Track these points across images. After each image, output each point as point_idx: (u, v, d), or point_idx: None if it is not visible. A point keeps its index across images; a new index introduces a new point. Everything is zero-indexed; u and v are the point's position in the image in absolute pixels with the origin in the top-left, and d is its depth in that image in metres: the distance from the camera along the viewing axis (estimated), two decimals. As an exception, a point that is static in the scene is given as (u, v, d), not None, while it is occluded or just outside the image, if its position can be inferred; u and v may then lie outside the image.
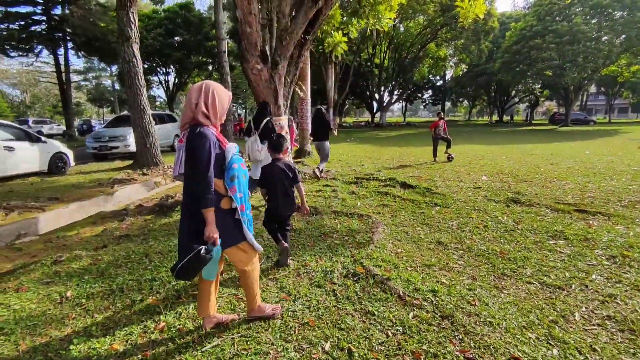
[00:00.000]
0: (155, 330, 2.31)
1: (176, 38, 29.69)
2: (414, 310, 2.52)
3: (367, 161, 10.61)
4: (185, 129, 2.07)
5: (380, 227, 4.32)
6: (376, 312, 2.48)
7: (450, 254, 3.58)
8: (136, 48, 9.83)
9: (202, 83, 2.08)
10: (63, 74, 20.40)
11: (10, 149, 7.94)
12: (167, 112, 16.63)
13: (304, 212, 3.43)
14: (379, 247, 3.68)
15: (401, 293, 2.72)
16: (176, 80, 35.81)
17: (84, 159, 12.85)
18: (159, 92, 53.21)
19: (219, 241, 2.03)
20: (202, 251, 1.96)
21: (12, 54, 18.42)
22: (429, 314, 2.48)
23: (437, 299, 2.66)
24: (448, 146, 10.08)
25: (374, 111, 44.62)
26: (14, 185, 7.72)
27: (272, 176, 3.19)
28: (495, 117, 48.29)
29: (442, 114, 10.38)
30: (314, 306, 2.58)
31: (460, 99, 55.71)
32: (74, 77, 49.33)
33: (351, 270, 3.13)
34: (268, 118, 5.53)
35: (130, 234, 4.48)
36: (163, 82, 35.53)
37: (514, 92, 43.69)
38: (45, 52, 21.65)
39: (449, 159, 9.95)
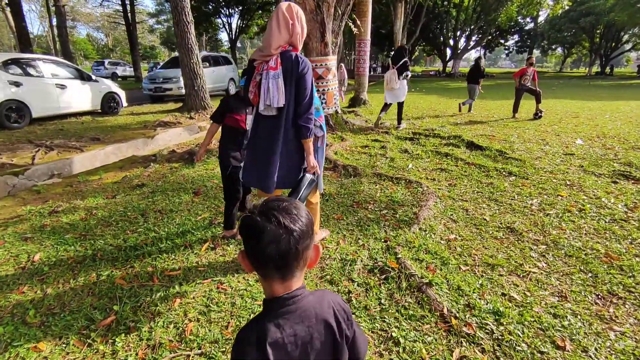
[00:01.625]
0: (99, 327, 1.76)
1: (239, -25, 28.46)
2: (461, 344, 1.66)
3: (430, 113, 9.20)
4: (275, 54, 1.85)
5: (431, 199, 3.35)
6: (402, 341, 1.67)
7: (526, 249, 2.55)
8: (183, -21, 9.08)
9: (291, 3, 1.88)
10: (129, 15, 20.69)
11: (62, 86, 7.99)
12: (223, 54, 16.11)
13: None
14: (425, 230, 2.76)
15: (446, 310, 1.85)
16: (240, 23, 35.07)
17: (142, 100, 13.03)
18: (224, 36, 53.22)
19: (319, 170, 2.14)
20: (308, 180, 1.99)
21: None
22: (486, 356, 1.60)
23: (502, 328, 1.75)
24: (537, 100, 8.21)
25: (447, 59, 40.28)
26: (66, 123, 7.84)
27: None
28: (595, 69, 40.73)
29: (533, 59, 8.36)
30: (314, 316, 1.85)
31: (553, 46, 47.60)
32: (149, 21, 51.11)
33: (379, 263, 2.29)
34: (406, 59, 6.69)
35: (146, 184, 4.06)
36: (226, 24, 35.04)
37: (626, 36, 36.02)
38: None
39: (537, 115, 8.14)
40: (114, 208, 3.22)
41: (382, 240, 2.60)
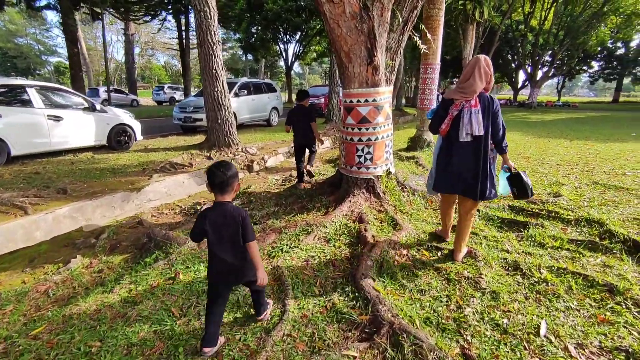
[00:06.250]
0: None
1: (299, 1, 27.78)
2: None
3: (522, 163, 6.48)
4: (474, 97, 2.55)
5: None
6: None
7: None
8: (210, -6, 7.60)
9: (486, 57, 2.58)
10: (184, 41, 20.56)
11: (57, 118, 6.65)
12: (266, 80, 14.67)
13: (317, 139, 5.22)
14: None
15: None
16: (296, 49, 34.57)
17: (172, 130, 11.79)
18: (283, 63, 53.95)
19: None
20: (524, 174, 2.79)
21: (132, 18, 19.02)
22: None
23: None
24: None
25: (519, 87, 36.34)
26: (51, 163, 6.41)
27: (295, 115, 5.07)
28: None
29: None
30: None
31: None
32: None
33: None
34: None
35: (9, 322, 2.07)
36: (283, 51, 34.69)
37: None
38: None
39: None
40: None
41: None
